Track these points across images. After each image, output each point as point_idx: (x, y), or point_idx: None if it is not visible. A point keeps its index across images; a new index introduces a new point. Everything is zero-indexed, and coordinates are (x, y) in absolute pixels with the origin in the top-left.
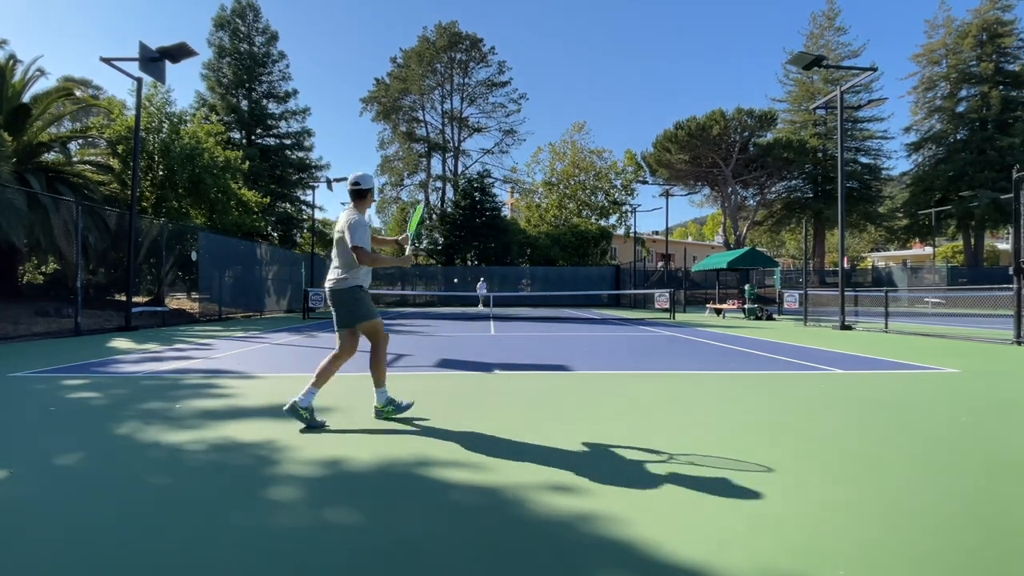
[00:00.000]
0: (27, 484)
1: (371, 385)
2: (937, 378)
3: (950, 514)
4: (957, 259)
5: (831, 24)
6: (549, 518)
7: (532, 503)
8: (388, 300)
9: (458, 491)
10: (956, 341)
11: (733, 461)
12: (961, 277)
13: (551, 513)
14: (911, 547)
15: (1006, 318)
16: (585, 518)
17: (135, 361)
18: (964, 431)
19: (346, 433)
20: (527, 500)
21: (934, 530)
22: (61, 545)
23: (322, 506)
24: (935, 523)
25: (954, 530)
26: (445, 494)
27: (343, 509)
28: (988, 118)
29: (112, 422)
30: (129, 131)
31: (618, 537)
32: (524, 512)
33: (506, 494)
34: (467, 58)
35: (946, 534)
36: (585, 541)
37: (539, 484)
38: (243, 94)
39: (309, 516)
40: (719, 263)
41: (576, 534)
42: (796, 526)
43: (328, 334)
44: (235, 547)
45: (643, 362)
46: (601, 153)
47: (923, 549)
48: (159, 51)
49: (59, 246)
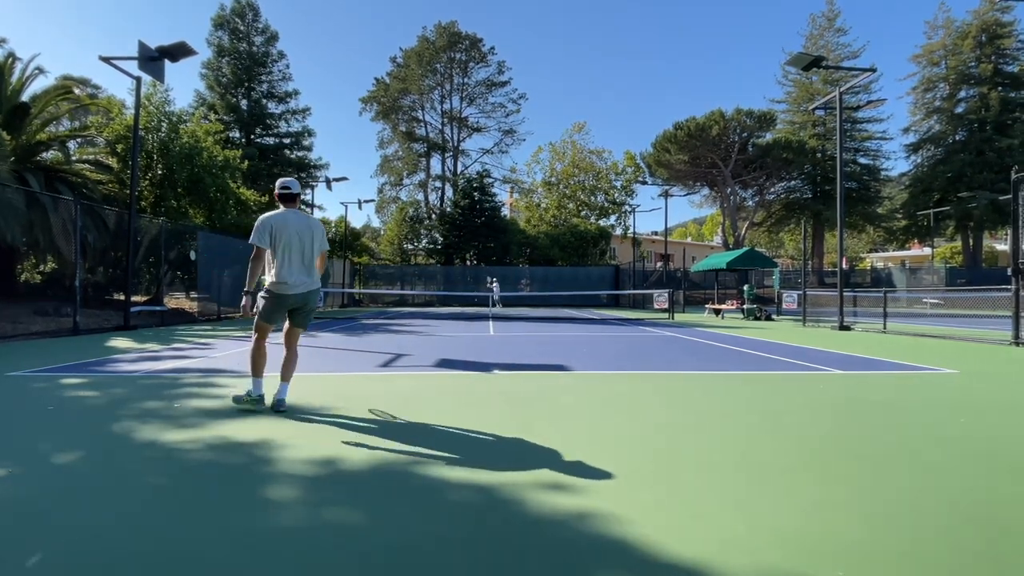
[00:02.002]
0: (25, 483)
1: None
2: (935, 379)
3: (949, 515)
4: (956, 260)
5: (831, 25)
6: (548, 517)
7: (531, 502)
8: (387, 300)
9: (456, 490)
10: (954, 342)
11: (732, 461)
12: (960, 278)
13: (550, 512)
14: (911, 548)
15: (1004, 319)
16: (584, 517)
17: (134, 360)
18: (963, 432)
19: (343, 432)
20: (526, 499)
21: (934, 531)
22: (58, 544)
23: (319, 505)
24: (935, 524)
25: (953, 531)
26: (443, 493)
27: (340, 508)
28: (987, 119)
29: (110, 421)
30: (128, 130)
31: (618, 536)
32: (523, 511)
33: (504, 493)
34: (467, 58)
35: (946, 535)
36: (584, 540)
37: (538, 483)
38: (242, 93)
39: (306, 515)
40: (718, 263)
41: (575, 533)
42: (796, 526)
43: (327, 334)
44: (232, 546)
45: (642, 362)
46: (601, 153)
47: (923, 550)
48: (158, 50)
49: (58, 245)
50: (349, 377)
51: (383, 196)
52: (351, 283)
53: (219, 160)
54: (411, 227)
